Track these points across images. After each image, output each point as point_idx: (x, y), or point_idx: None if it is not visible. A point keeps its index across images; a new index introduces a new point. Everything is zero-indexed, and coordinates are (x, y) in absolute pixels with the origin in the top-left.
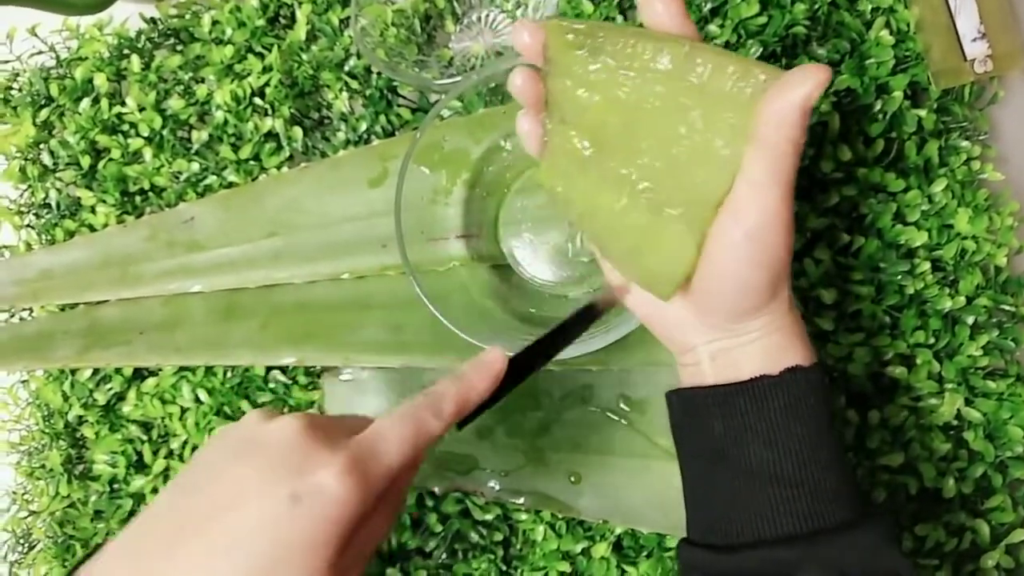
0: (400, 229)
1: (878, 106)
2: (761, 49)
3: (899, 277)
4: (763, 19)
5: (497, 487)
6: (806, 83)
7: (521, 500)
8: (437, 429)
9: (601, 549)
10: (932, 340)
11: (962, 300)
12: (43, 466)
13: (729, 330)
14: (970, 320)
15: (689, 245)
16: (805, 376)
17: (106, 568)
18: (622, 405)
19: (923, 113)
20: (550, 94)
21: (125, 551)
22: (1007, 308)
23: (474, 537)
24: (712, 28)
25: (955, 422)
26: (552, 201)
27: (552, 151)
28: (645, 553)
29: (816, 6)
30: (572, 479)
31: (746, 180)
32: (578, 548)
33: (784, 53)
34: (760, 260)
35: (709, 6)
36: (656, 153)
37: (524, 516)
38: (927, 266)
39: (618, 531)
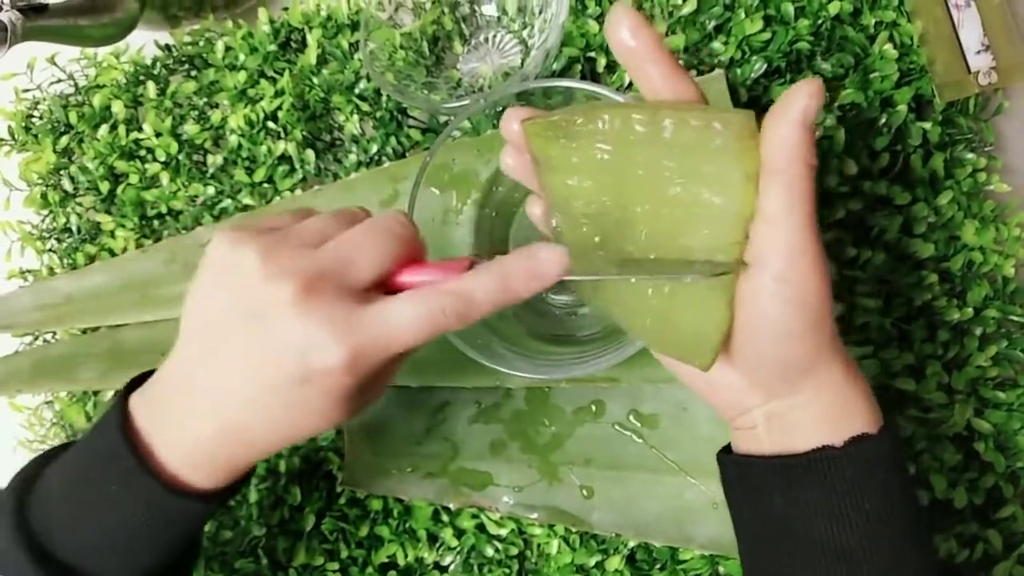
0: None
1: (883, 119)
2: (765, 65)
3: (907, 289)
4: (767, 35)
5: (511, 502)
6: (800, 99)
7: (535, 515)
8: (454, 327)
9: (615, 562)
10: (941, 351)
11: (970, 311)
12: None
13: (780, 388)
14: (978, 331)
15: (718, 306)
16: (873, 446)
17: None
18: (633, 420)
19: (928, 126)
20: (546, 192)
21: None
22: (1015, 319)
23: (489, 551)
24: (716, 45)
25: (965, 433)
26: (579, 296)
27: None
28: (659, 566)
29: (820, 21)
30: (585, 493)
31: (762, 219)
32: (592, 561)
33: (788, 68)
34: (795, 299)
35: (713, 23)
36: (654, 221)
37: (538, 530)
38: (934, 278)
39: (631, 544)
